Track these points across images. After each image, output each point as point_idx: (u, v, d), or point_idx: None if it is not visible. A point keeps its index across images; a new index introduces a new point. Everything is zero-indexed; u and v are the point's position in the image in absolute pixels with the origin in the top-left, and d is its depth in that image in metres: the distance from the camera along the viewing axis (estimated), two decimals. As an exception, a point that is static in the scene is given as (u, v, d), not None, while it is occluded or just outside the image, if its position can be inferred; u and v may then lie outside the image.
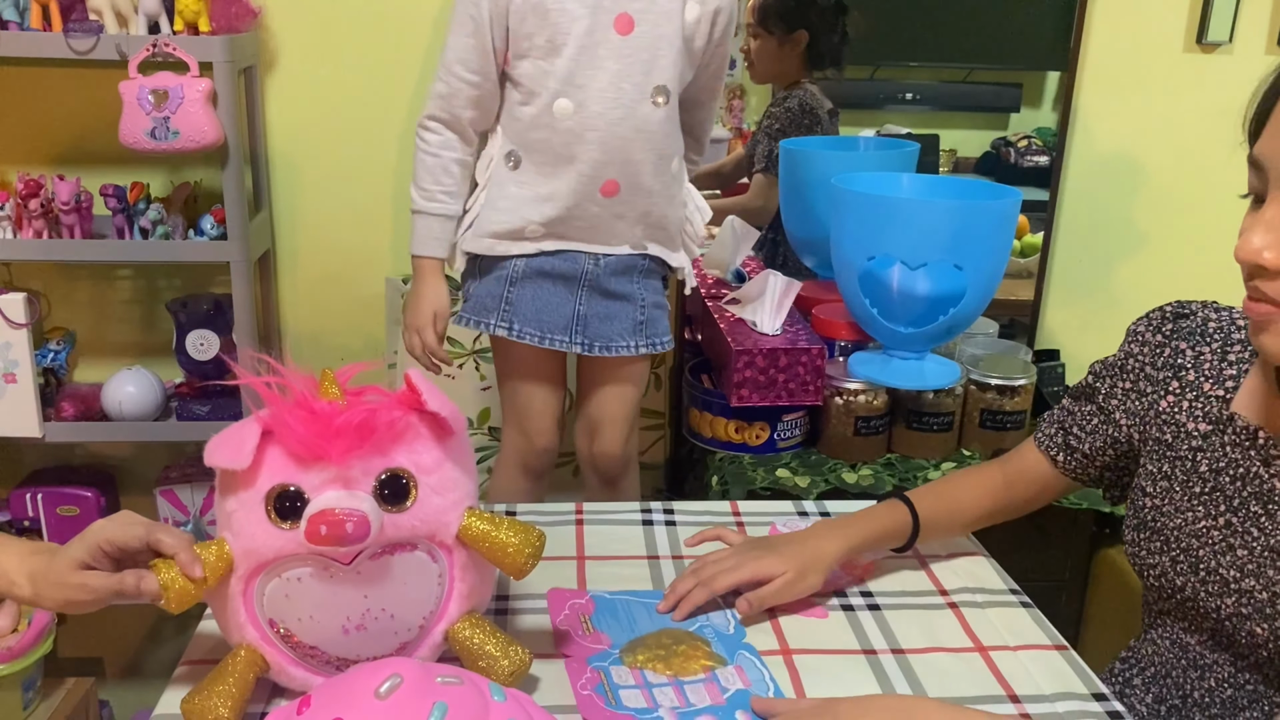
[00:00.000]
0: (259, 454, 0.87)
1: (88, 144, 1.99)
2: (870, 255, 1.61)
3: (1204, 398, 1.02)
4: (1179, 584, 1.02)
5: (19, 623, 1.44)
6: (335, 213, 2.09)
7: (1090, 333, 2.27)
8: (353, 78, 2.02)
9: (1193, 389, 1.03)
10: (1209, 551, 0.99)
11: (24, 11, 1.74)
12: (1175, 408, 1.04)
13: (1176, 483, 1.03)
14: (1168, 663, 1.07)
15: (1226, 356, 1.02)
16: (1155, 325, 1.09)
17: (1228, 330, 1.04)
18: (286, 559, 0.88)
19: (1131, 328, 1.12)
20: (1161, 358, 1.07)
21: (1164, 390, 1.06)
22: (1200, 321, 1.06)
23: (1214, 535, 0.99)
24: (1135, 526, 1.07)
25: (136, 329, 2.12)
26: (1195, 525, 1.01)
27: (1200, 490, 1.01)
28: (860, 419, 1.78)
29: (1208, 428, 1.01)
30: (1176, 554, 1.02)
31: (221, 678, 0.90)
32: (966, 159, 2.26)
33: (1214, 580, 0.99)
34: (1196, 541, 1.00)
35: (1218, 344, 1.03)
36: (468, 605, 0.96)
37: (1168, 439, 1.04)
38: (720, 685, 1.00)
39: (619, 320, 1.68)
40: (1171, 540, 1.03)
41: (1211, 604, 1.00)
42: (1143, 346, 1.09)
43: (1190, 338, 1.05)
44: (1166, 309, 1.09)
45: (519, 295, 1.65)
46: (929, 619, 1.14)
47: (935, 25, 2.17)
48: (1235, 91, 0.89)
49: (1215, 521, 0.99)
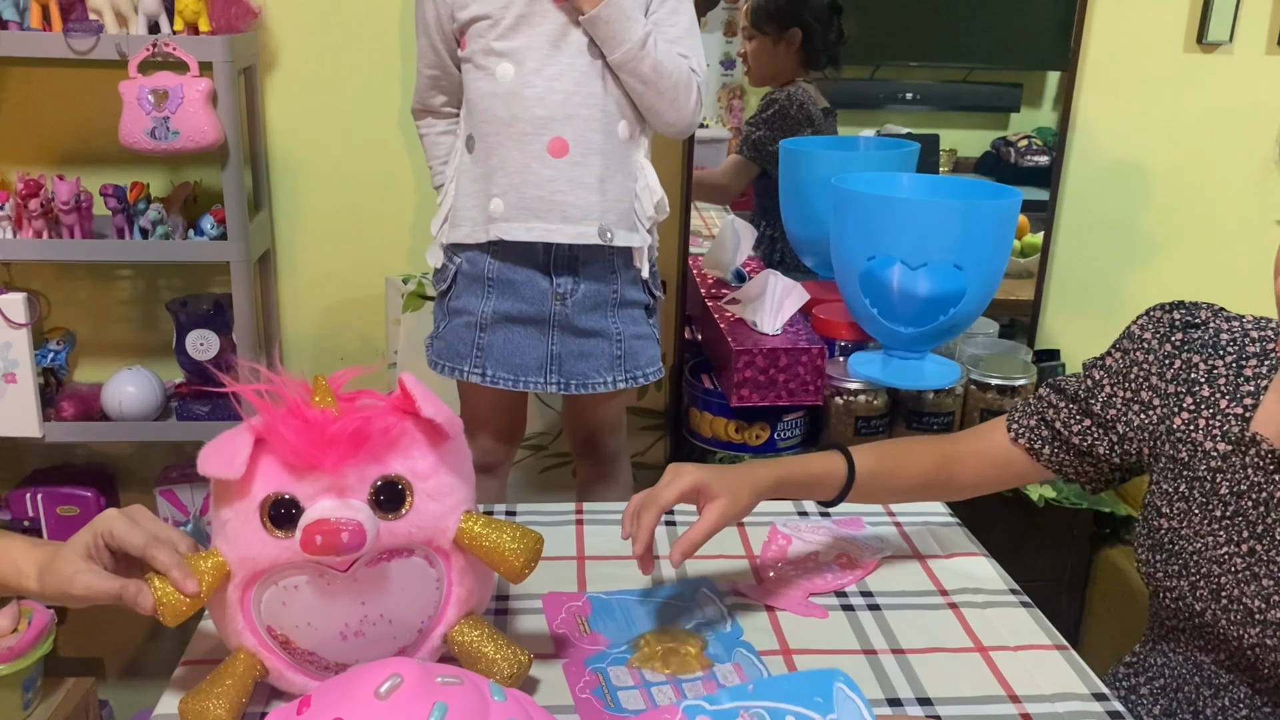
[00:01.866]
0: (253, 463, 0.86)
1: (88, 144, 1.99)
2: (870, 255, 1.61)
3: (1221, 415, 0.99)
4: (1198, 609, 1.00)
5: (19, 623, 1.44)
6: (335, 213, 2.09)
7: (1090, 333, 2.27)
8: (353, 78, 2.02)
9: (1209, 406, 1.00)
10: (1232, 580, 0.97)
11: (24, 11, 1.74)
12: (1190, 425, 1.01)
13: (1195, 504, 1.00)
14: (1179, 677, 1.06)
15: (1243, 371, 0.99)
16: (1163, 334, 1.05)
17: (1241, 343, 1.01)
18: (283, 567, 0.88)
19: (1133, 330, 1.08)
20: (1171, 370, 1.03)
21: (1177, 406, 1.02)
22: (1213, 333, 1.02)
23: (1237, 563, 0.97)
24: (1150, 547, 1.05)
25: (136, 329, 2.12)
26: (1216, 551, 0.98)
27: (1221, 514, 0.98)
28: (860, 419, 1.78)
29: (1227, 448, 0.98)
30: (1196, 579, 1.00)
31: (220, 680, 0.90)
32: (966, 159, 2.26)
33: (1237, 609, 0.97)
34: (1218, 568, 0.98)
35: (1232, 357, 1.00)
36: (466, 609, 0.96)
37: (1183, 457, 1.01)
38: (719, 684, 1.00)
39: (595, 357, 1.66)
40: (1190, 565, 1.00)
41: (1233, 632, 0.97)
42: (1147, 354, 1.06)
43: (1203, 350, 1.02)
44: (1174, 315, 1.05)
45: (490, 341, 1.64)
46: (929, 619, 1.14)
47: (935, 25, 2.17)
48: (1235, 91, 0.89)
49: (1238, 548, 0.96)
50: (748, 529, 1.33)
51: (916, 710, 0.98)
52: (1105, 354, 1.11)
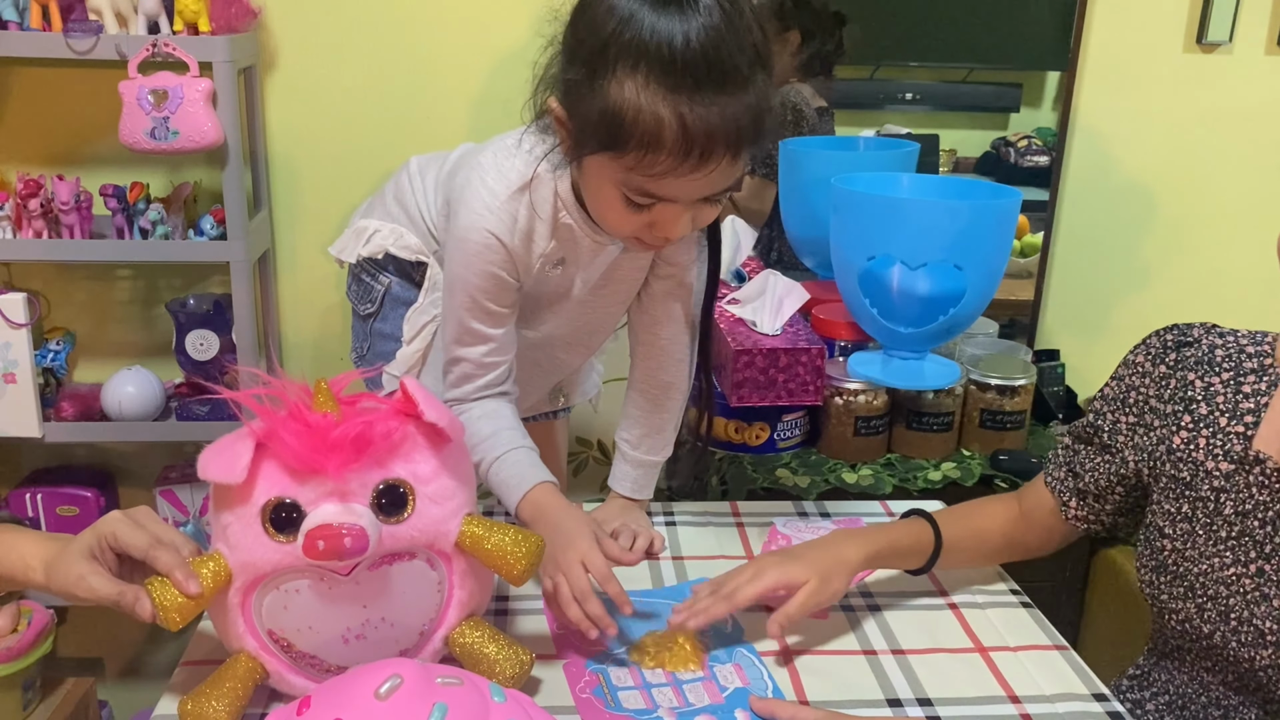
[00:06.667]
0: (254, 467, 0.86)
1: (88, 144, 1.99)
2: (870, 255, 1.61)
3: (1222, 434, 0.98)
4: (1206, 630, 0.99)
5: (19, 623, 1.43)
6: (335, 213, 2.08)
7: (1090, 333, 2.27)
8: (353, 78, 2.02)
9: (1208, 424, 0.99)
10: (1241, 601, 0.96)
11: (24, 11, 1.74)
12: (1190, 444, 1.00)
13: (1199, 525, 0.99)
14: (1185, 695, 1.05)
15: (1240, 388, 0.98)
16: (1156, 355, 1.05)
17: (1237, 359, 0.99)
18: (284, 571, 0.88)
19: (1129, 358, 1.08)
20: (1168, 390, 1.02)
21: (1175, 425, 1.01)
22: (1206, 349, 1.01)
23: (1245, 584, 0.95)
24: (1153, 568, 1.04)
25: (136, 329, 2.12)
26: (1223, 572, 0.97)
27: (1226, 535, 0.97)
28: (860, 419, 1.78)
29: (1229, 467, 0.97)
30: (1203, 601, 0.99)
31: (220, 682, 0.90)
32: (966, 159, 2.26)
33: (1247, 631, 0.95)
34: (1226, 590, 0.97)
35: (1229, 374, 0.99)
36: (467, 611, 0.96)
37: (1185, 477, 1.00)
38: (719, 684, 1.00)
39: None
40: (1197, 587, 0.99)
41: (1244, 654, 0.96)
42: (1144, 378, 1.05)
43: (1198, 368, 1.01)
44: (1166, 337, 1.05)
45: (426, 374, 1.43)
46: (929, 619, 1.14)
47: (935, 25, 2.17)
48: (1235, 92, 0.89)
49: (1246, 569, 0.95)
50: (747, 529, 1.33)
51: (917, 711, 0.98)
52: (1104, 385, 1.11)
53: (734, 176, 1.02)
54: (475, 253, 1.15)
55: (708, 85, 0.94)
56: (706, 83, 0.94)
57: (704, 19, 0.93)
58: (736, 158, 0.99)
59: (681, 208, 1.03)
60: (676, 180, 0.98)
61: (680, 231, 1.05)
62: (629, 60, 0.94)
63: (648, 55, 0.94)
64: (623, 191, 1.02)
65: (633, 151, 0.97)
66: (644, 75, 0.94)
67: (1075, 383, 2.17)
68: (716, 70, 0.94)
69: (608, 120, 0.97)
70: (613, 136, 0.97)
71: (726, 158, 0.98)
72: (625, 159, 0.98)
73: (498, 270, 1.16)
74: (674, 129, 0.95)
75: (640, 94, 0.95)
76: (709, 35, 0.93)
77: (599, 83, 0.96)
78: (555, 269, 1.20)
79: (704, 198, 1.03)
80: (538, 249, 1.17)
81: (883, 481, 1.75)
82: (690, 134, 0.95)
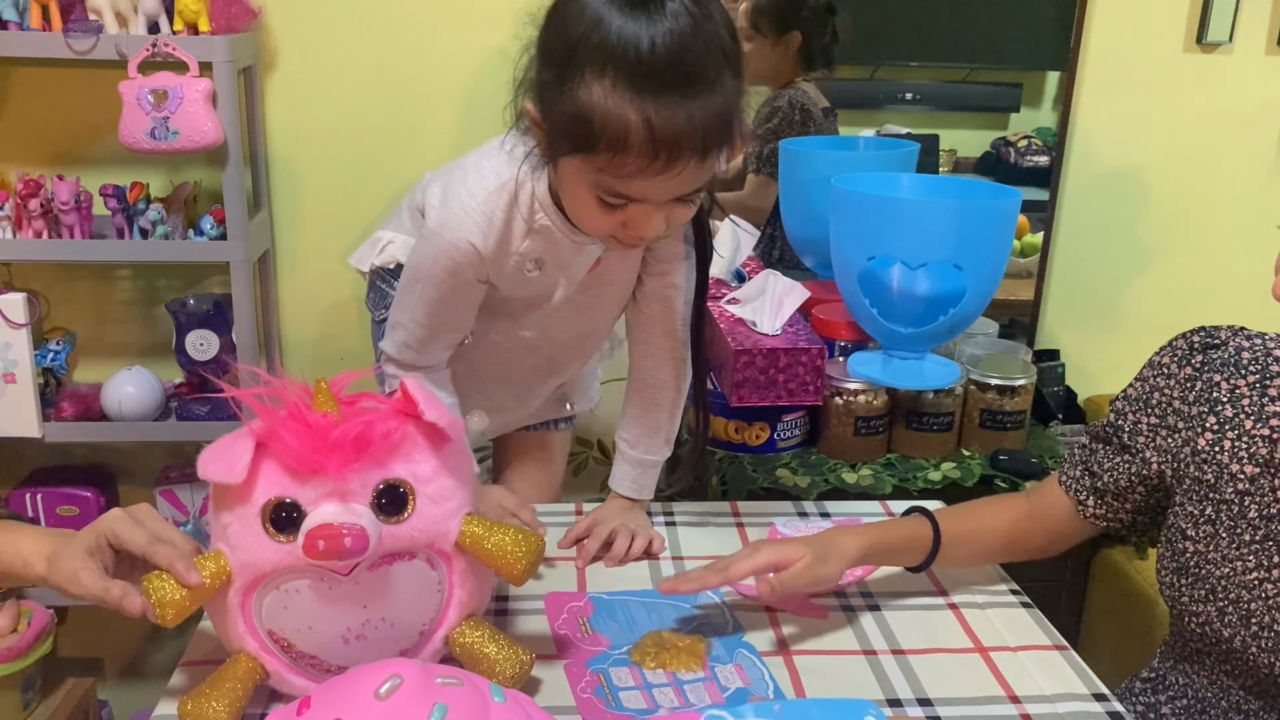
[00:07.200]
0: (254, 467, 0.86)
1: (88, 144, 1.99)
2: (870, 255, 1.61)
3: (1247, 437, 0.97)
4: (1226, 634, 0.99)
5: (19, 623, 1.44)
6: (335, 213, 2.08)
7: (1090, 333, 2.27)
8: (353, 78, 2.02)
9: (1233, 426, 0.98)
10: (1263, 606, 0.95)
11: (24, 11, 1.74)
12: (1215, 446, 0.99)
13: (1222, 528, 0.98)
14: (1204, 700, 1.04)
15: (1267, 391, 0.97)
16: (1182, 356, 1.04)
17: (1264, 362, 0.99)
18: (284, 571, 0.88)
19: (1154, 359, 1.08)
20: (1193, 392, 1.02)
21: (1200, 427, 1.01)
22: (1233, 351, 1.01)
23: (1268, 589, 0.95)
24: (1175, 570, 1.03)
25: (136, 329, 2.12)
26: (1246, 576, 0.96)
27: (1250, 538, 0.96)
28: (860, 419, 1.78)
29: (1254, 470, 0.96)
30: (1224, 604, 0.98)
31: (220, 682, 0.90)
32: (966, 159, 2.26)
33: (1269, 636, 0.95)
34: (1248, 594, 0.96)
35: (1255, 377, 0.99)
36: (467, 611, 0.96)
37: (1209, 479, 1.00)
38: (720, 685, 1.00)
39: None
40: (1218, 590, 0.99)
41: (1264, 659, 0.96)
42: (1169, 379, 1.05)
43: (1224, 369, 1.00)
44: (1193, 339, 1.04)
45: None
46: (929, 619, 1.14)
47: (935, 25, 2.17)
48: (1235, 92, 0.89)
49: (1269, 574, 0.95)
50: (747, 529, 1.33)
51: (917, 711, 0.98)
52: (1127, 386, 1.11)
53: (704, 177, 1.03)
54: (444, 250, 1.17)
55: (673, 88, 0.95)
56: (672, 86, 0.95)
57: (670, 23, 0.94)
58: (705, 159, 1.00)
59: (654, 208, 1.04)
60: (645, 181, 1.00)
61: (653, 231, 1.06)
62: (597, 63, 0.96)
63: (614, 59, 0.95)
64: (595, 193, 1.03)
65: (602, 153, 0.98)
66: (611, 78, 0.95)
67: (1075, 382, 2.17)
68: (682, 74, 0.95)
69: (578, 122, 0.98)
70: (583, 138, 0.98)
71: (694, 159, 0.99)
72: (596, 160, 0.99)
73: (462, 268, 1.18)
74: (640, 131, 0.96)
75: (608, 97, 0.96)
76: (675, 39, 0.94)
77: (569, 85, 0.97)
78: (534, 270, 1.22)
79: (676, 198, 1.04)
80: (513, 249, 1.18)
81: (883, 481, 1.75)
82: (657, 136, 0.96)
